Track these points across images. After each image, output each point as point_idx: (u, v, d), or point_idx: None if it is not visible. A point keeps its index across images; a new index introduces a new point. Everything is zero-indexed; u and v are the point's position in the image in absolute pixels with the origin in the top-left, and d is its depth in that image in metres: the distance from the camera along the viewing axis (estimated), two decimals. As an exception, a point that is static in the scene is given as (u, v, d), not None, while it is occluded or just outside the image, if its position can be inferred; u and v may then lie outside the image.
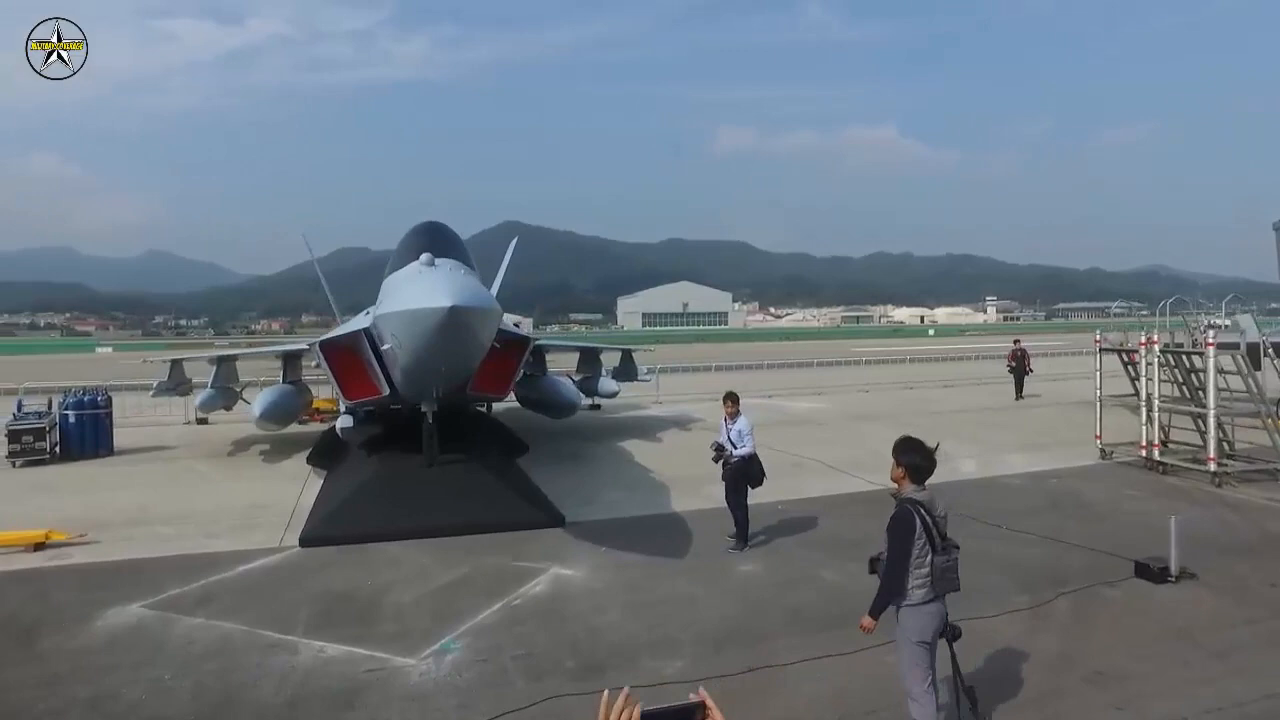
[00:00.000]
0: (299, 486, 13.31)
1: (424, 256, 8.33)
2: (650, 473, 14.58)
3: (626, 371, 21.08)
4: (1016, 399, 25.26)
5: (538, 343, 19.70)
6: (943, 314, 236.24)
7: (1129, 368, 15.11)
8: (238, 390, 17.97)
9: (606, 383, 18.77)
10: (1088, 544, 9.67)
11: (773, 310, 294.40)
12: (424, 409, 12.03)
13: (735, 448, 10.04)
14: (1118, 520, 10.93)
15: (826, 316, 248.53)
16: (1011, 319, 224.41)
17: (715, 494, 10.53)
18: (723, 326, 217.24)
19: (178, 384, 17.97)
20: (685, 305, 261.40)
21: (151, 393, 18.03)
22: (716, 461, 10.20)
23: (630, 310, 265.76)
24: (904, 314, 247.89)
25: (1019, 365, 25.89)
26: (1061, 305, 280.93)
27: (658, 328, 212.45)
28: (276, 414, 14.15)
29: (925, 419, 21.19)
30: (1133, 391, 15.11)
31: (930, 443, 5.27)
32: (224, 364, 17.61)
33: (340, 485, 12.17)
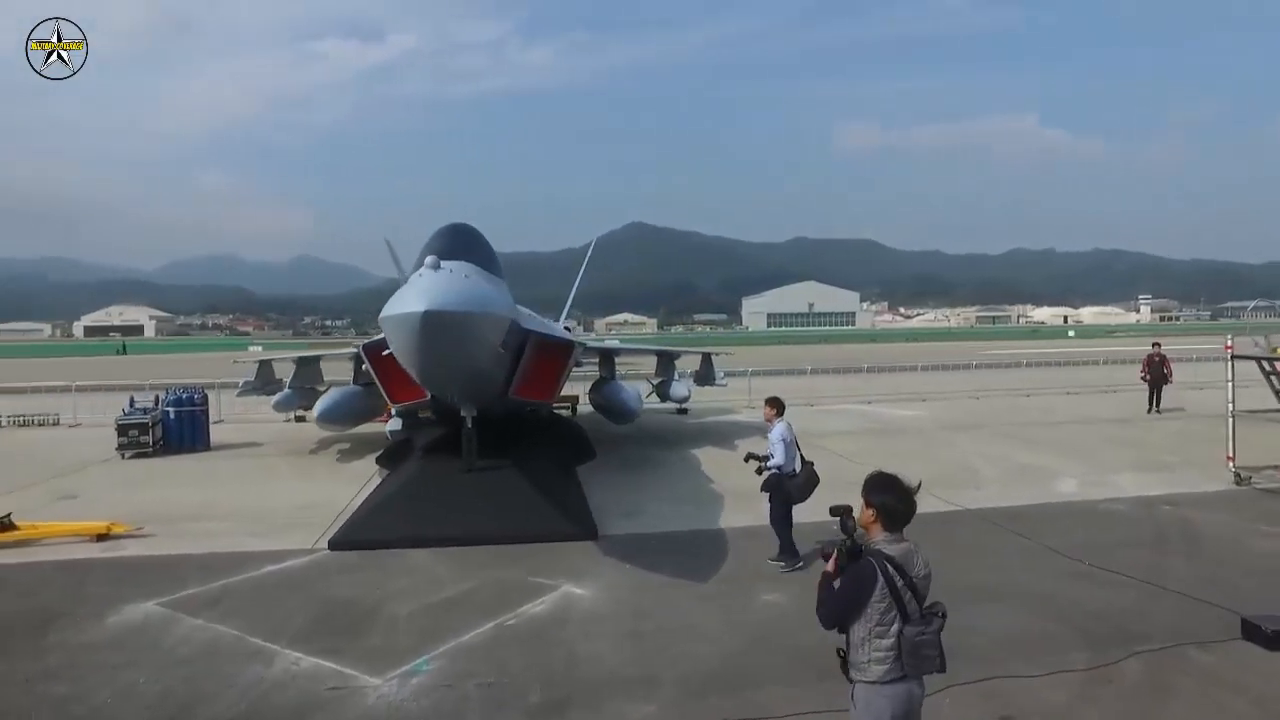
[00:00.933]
0: (358, 488, 13.47)
1: (429, 259, 8.08)
2: (711, 483, 13.86)
3: (705, 375, 20.36)
4: (1150, 411, 22.45)
5: (602, 346, 19.37)
6: (1089, 314, 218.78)
7: (1271, 378, 12.94)
8: (321, 390, 18.67)
9: (678, 387, 18.16)
10: (1189, 591, 8.13)
11: (902, 310, 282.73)
12: (463, 413, 11.90)
13: (771, 457, 9.28)
14: (1237, 563, 9.21)
15: (960, 316, 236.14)
16: (1170, 318, 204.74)
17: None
18: (849, 327, 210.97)
19: (265, 384, 18.83)
20: (811, 305, 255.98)
21: (237, 392, 19.03)
22: (759, 474, 9.49)
23: (755, 311, 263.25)
24: (1045, 314, 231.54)
25: (1156, 372, 22.85)
26: (1230, 303, 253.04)
27: (783, 328, 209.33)
28: (336, 415, 14.46)
29: (1031, 431, 19.28)
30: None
31: (912, 479, 4.35)
32: (305, 365, 18.28)
33: (384, 488, 12.23)
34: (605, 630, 7.42)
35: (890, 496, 4.17)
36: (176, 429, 17.27)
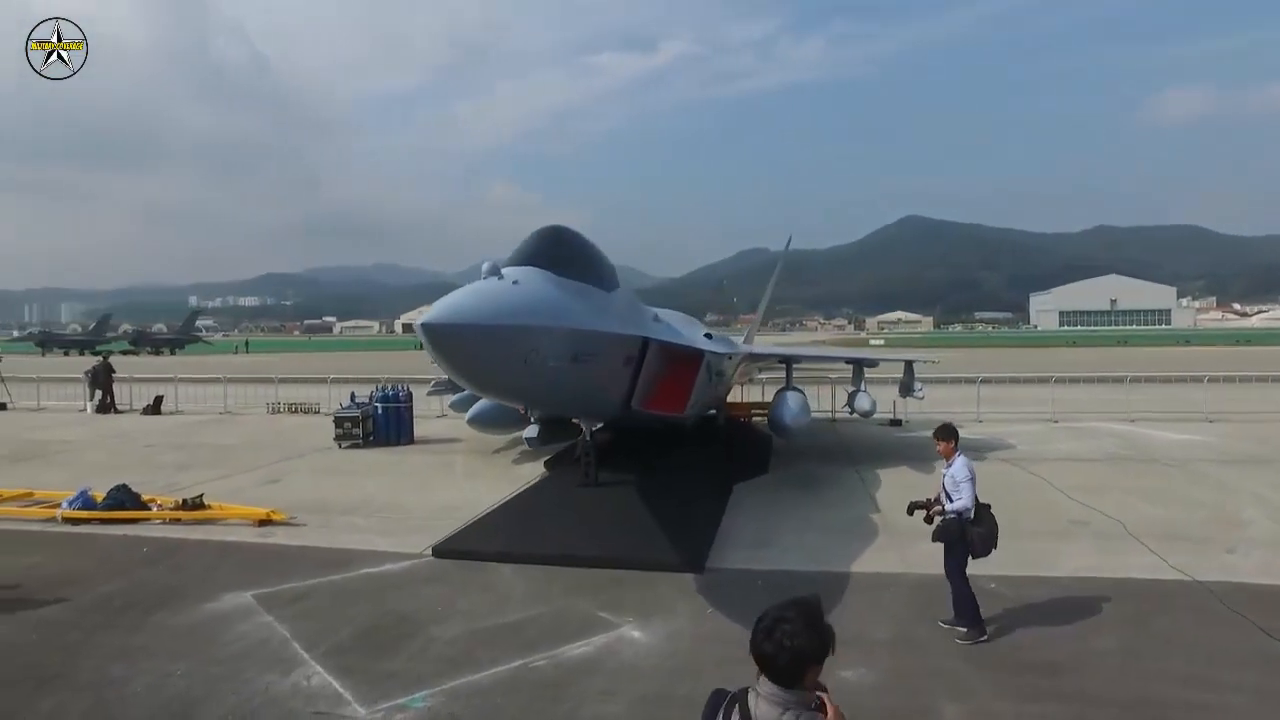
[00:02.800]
0: (510, 492, 13.55)
1: (485, 266, 7.66)
2: (873, 513, 12.02)
3: (907, 385, 18.02)
4: None
5: (778, 352, 17.88)
6: None
7: None
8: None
9: (861, 399, 16.16)
10: None
11: (1237, 307, 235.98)
12: (583, 426, 11.50)
13: (950, 500, 7.59)
14: None
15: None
16: None
17: (933, 554, 7.93)
18: (1161, 327, 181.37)
19: (453, 384, 19.87)
20: (1113, 302, 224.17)
21: (428, 391, 20.36)
22: (929, 522, 7.75)
23: (1045, 308, 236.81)
24: None
25: None
26: None
27: (1078, 327, 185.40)
28: (486, 419, 14.65)
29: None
30: None
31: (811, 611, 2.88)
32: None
33: (515, 496, 12.18)
34: (632, 690, 6.44)
35: (781, 638, 2.80)
36: (384, 423, 18.92)
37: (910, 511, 7.89)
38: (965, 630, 7.37)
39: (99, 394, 26.29)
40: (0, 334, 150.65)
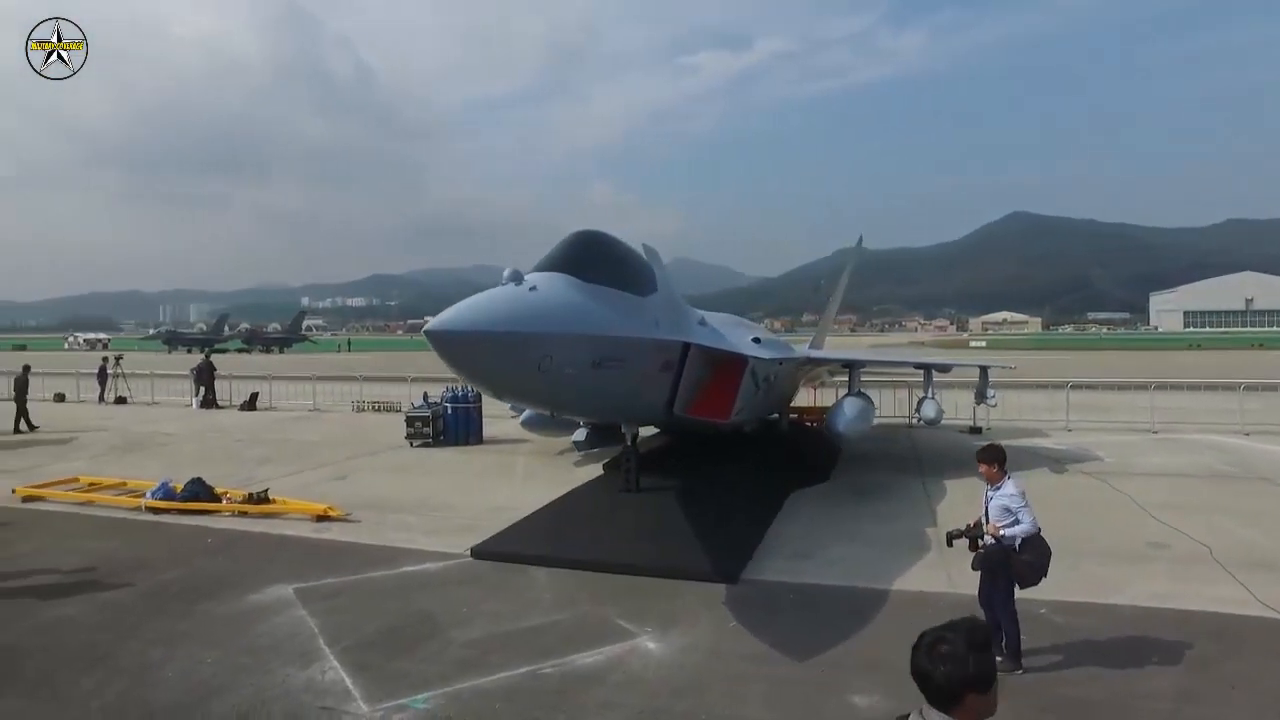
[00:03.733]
0: (559, 494, 13.66)
1: (506, 273, 7.71)
2: (930, 528, 11.44)
3: (982, 391, 17.13)
4: None
5: (836, 357, 17.30)
6: None
7: None
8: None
9: (928, 406, 15.43)
10: None
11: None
12: (624, 430, 11.47)
13: (1004, 525, 6.92)
14: None
15: None
16: None
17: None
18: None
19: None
20: (1249, 301, 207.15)
21: None
22: (974, 550, 7.10)
23: (1166, 308, 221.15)
24: None
25: None
26: None
27: (1204, 329, 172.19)
28: (536, 422, 14.70)
29: None
30: None
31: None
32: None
33: (558, 499, 12.25)
34: (631, 702, 6.33)
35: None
36: (453, 423, 19.44)
37: (949, 542, 7.31)
38: (999, 660, 6.89)
39: (202, 390, 28.13)
40: (136, 333, 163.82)
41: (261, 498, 12.51)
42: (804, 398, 22.60)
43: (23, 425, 22.17)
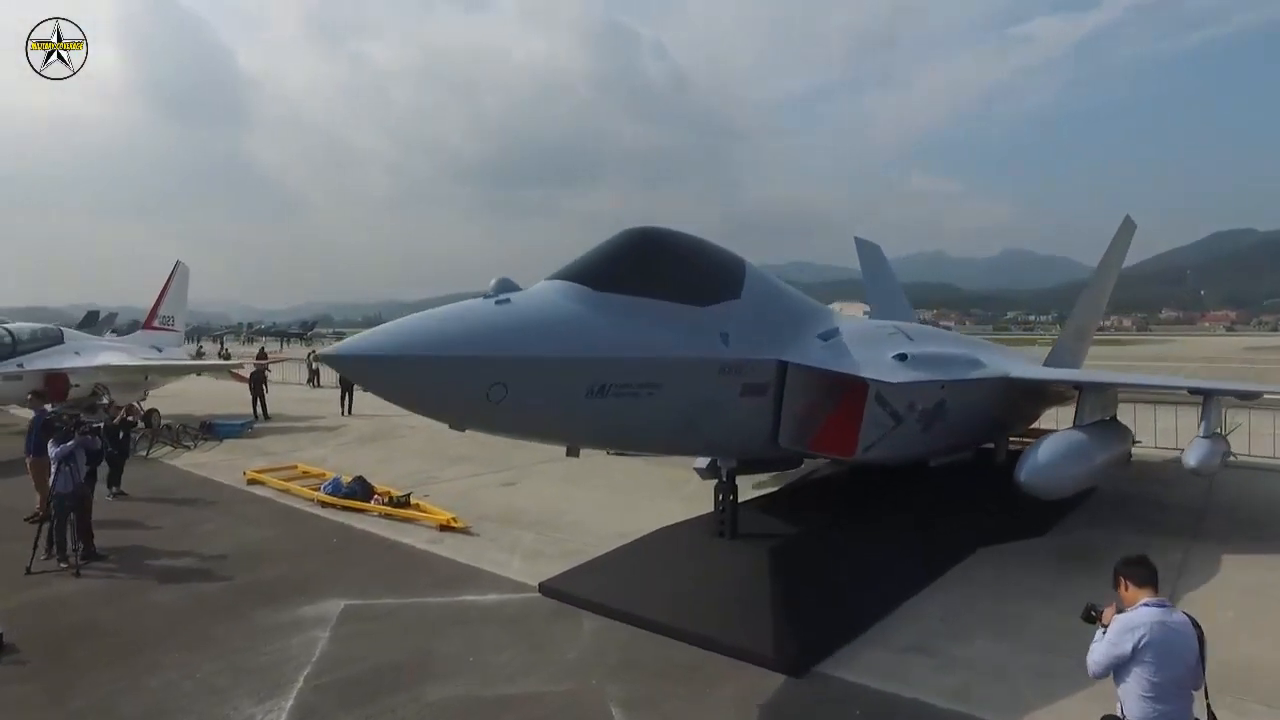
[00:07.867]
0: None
1: (492, 283, 6.63)
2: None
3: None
4: None
5: (1063, 379, 13.28)
6: None
7: None
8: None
9: (1197, 447, 10.80)
10: None
11: None
12: (720, 465, 9.80)
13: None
14: None
15: None
16: None
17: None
18: None
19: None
20: None
21: None
22: None
23: None
24: None
25: None
26: None
27: None
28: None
29: None
30: None
31: None
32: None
33: (647, 535, 10.94)
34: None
35: None
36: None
37: (1087, 618, 4.90)
38: None
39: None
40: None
41: (403, 501, 12.93)
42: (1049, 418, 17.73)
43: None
